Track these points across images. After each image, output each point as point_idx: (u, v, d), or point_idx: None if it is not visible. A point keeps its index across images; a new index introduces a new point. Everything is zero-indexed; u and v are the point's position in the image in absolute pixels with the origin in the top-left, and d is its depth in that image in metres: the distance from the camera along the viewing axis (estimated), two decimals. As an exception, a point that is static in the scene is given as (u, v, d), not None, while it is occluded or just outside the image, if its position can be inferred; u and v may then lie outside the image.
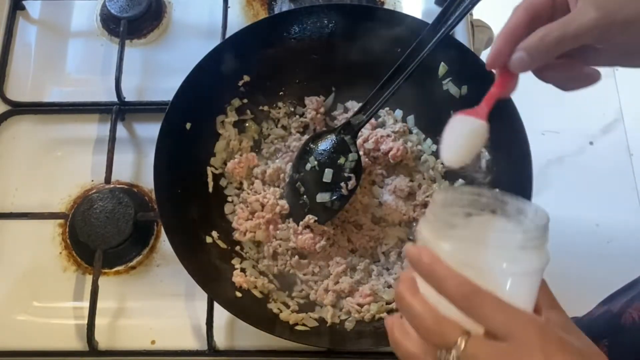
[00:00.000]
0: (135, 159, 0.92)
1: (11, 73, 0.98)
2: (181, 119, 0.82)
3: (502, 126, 0.77)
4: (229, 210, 0.85)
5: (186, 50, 0.99)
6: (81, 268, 0.86)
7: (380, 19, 0.85)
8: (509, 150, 0.79)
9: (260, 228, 0.82)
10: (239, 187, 0.87)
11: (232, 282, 0.78)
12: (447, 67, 0.85)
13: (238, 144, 0.88)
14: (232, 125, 0.88)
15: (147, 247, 0.87)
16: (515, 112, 0.78)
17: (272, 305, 0.78)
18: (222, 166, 0.87)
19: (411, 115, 0.90)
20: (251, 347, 0.80)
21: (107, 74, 0.96)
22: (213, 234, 0.82)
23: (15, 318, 0.83)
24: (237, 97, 0.88)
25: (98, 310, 0.80)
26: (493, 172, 0.82)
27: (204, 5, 1.02)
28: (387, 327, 0.52)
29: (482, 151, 0.82)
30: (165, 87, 0.87)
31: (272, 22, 0.89)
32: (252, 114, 0.89)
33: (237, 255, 0.82)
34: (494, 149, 0.82)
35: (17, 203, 0.90)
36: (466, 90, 0.84)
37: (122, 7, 0.99)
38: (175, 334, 0.81)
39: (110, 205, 0.85)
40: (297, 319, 0.77)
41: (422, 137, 0.89)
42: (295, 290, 0.82)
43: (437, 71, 0.85)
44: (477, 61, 0.83)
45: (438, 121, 0.85)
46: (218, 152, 0.87)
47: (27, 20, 1.03)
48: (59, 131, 0.94)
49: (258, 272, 0.81)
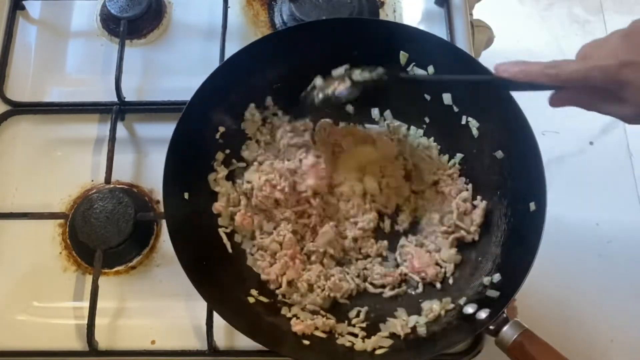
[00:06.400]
0: (135, 159, 0.92)
1: (11, 73, 0.98)
2: (179, 190, 0.80)
3: (512, 132, 0.80)
4: (252, 263, 0.84)
5: (186, 50, 0.99)
6: (81, 268, 0.86)
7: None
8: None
9: (288, 267, 0.81)
10: (253, 237, 0.85)
11: (294, 332, 0.77)
12: (407, 55, 0.85)
13: (237, 196, 0.85)
14: (225, 179, 0.86)
15: (147, 247, 0.87)
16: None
17: (340, 340, 0.77)
18: (231, 222, 0.85)
19: (387, 110, 0.90)
20: (251, 347, 0.80)
21: (107, 74, 0.96)
22: (252, 292, 0.80)
23: (15, 318, 0.83)
24: (219, 150, 0.86)
25: (98, 310, 0.80)
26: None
27: (204, 5, 1.02)
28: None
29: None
30: (165, 87, 0.87)
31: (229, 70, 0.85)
32: (238, 162, 0.88)
33: (282, 304, 0.81)
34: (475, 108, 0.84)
35: (17, 203, 0.90)
36: (433, 69, 0.85)
37: (122, 7, 0.99)
38: (175, 334, 0.81)
39: (110, 205, 0.85)
40: (373, 344, 0.75)
41: (404, 127, 0.90)
42: (352, 315, 0.80)
43: (399, 62, 0.85)
44: (432, 38, 0.83)
45: (414, 108, 0.88)
46: (222, 210, 0.84)
47: (27, 20, 1.03)
48: (59, 131, 0.94)
49: (310, 313, 0.80)
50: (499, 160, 0.82)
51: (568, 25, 2.08)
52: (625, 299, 1.64)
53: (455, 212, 0.83)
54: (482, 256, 0.81)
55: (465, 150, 0.87)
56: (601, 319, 1.63)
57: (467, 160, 0.86)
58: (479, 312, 0.72)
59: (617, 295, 1.65)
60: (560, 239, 1.71)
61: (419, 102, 0.87)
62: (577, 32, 2.06)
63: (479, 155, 0.85)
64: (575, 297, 1.66)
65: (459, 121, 0.85)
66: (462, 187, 0.85)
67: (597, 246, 1.71)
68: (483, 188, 0.84)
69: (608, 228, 1.73)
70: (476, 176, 0.85)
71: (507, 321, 0.70)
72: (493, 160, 0.83)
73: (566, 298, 1.66)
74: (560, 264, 1.69)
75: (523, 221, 0.77)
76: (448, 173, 0.87)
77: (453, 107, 0.86)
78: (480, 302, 0.75)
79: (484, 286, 0.77)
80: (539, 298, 1.65)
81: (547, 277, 1.70)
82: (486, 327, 0.70)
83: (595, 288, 1.66)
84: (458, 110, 0.86)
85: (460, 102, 0.85)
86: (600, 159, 1.83)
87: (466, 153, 0.86)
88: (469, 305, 0.75)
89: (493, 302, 0.73)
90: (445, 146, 0.88)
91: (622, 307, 1.63)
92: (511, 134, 0.80)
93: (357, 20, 0.91)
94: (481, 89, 0.81)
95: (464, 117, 0.85)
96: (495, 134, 0.83)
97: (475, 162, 0.86)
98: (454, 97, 0.85)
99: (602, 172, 1.81)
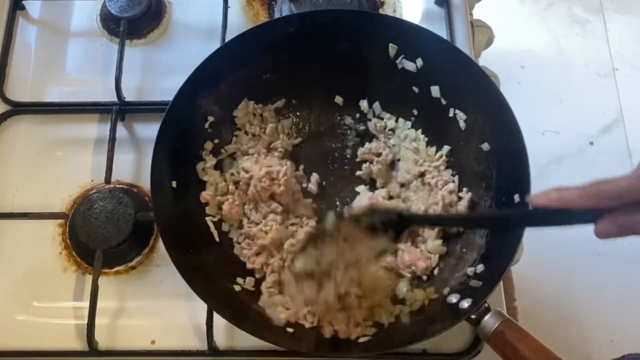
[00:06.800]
0: (135, 159, 0.92)
1: (11, 73, 0.98)
2: (166, 178, 0.80)
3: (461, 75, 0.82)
4: (238, 251, 0.84)
5: (186, 50, 0.99)
6: (81, 268, 0.86)
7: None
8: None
9: (273, 256, 0.82)
10: (240, 226, 0.85)
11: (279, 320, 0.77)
12: (396, 47, 0.85)
13: (225, 185, 0.86)
14: (214, 168, 0.86)
15: (147, 247, 0.87)
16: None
17: (327, 329, 0.77)
18: (219, 212, 0.85)
19: (376, 102, 0.91)
20: (251, 347, 0.80)
21: (107, 74, 0.96)
22: (239, 280, 0.81)
23: (15, 318, 0.83)
24: (208, 140, 0.86)
25: (98, 310, 0.80)
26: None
27: (204, 5, 1.02)
28: None
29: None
30: (165, 87, 0.87)
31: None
32: (226, 152, 0.88)
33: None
34: (463, 101, 0.84)
35: (17, 203, 0.90)
36: (422, 62, 0.85)
37: (122, 7, 0.99)
38: (175, 334, 0.81)
39: (110, 205, 0.85)
40: (357, 333, 0.75)
41: (393, 119, 0.90)
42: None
43: (388, 54, 0.86)
44: (421, 31, 0.84)
45: (403, 100, 0.89)
46: (210, 200, 0.84)
47: (27, 20, 1.03)
48: (59, 131, 0.94)
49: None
50: (485, 153, 0.82)
51: (568, 25, 2.08)
52: (624, 299, 1.64)
53: (441, 204, 0.83)
54: (466, 247, 0.81)
55: (452, 143, 0.87)
56: (601, 319, 1.63)
57: (454, 152, 0.87)
58: (462, 302, 0.73)
59: (617, 295, 1.65)
60: (560, 239, 1.71)
61: (407, 94, 0.88)
62: (577, 32, 2.07)
63: (466, 147, 0.85)
64: (575, 297, 1.66)
65: (447, 114, 0.85)
66: (449, 179, 0.85)
67: (597, 246, 1.71)
68: (469, 180, 0.85)
69: (608, 228, 1.73)
70: (463, 168, 0.86)
71: (488, 310, 0.71)
72: (479, 153, 0.83)
73: (566, 298, 1.66)
74: (560, 264, 1.69)
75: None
76: (435, 165, 0.87)
77: (441, 100, 0.86)
78: (464, 292, 0.75)
79: (467, 276, 0.77)
80: (539, 298, 1.65)
81: (547, 277, 1.70)
82: (468, 316, 0.71)
83: (595, 288, 1.66)
84: (446, 103, 0.86)
85: (448, 94, 0.85)
86: (600, 159, 1.83)
87: (453, 145, 0.87)
88: (453, 295, 0.75)
89: (476, 292, 0.74)
90: (433, 138, 0.88)
91: (622, 307, 1.64)
92: (497, 125, 0.80)
93: (345, 12, 0.91)
94: (470, 87, 0.81)
95: (452, 110, 0.85)
96: (482, 126, 0.83)
97: (461, 154, 0.86)
98: (442, 89, 0.85)
99: (602, 172, 1.80)
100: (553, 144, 1.82)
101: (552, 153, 1.82)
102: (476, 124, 0.83)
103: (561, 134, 1.84)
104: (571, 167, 1.82)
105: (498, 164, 0.81)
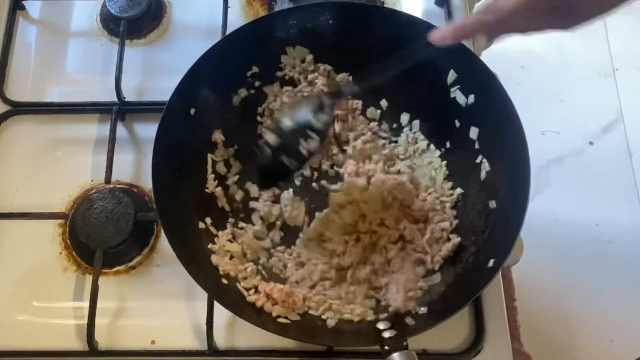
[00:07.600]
0: (135, 159, 0.92)
1: (11, 73, 0.98)
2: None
3: (502, 129, 0.79)
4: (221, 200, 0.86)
5: (186, 50, 0.99)
6: (81, 268, 0.86)
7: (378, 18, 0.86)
8: (509, 153, 0.79)
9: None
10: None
11: (216, 267, 0.78)
12: (456, 75, 0.84)
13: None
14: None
15: (147, 247, 0.87)
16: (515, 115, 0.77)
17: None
18: (223, 155, 0.87)
19: (416, 120, 0.90)
20: (251, 347, 0.80)
21: (107, 74, 0.96)
22: (207, 220, 0.82)
23: (15, 318, 0.83)
24: (244, 87, 0.89)
25: (98, 310, 0.80)
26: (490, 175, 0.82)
27: (204, 5, 1.03)
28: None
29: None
30: (165, 87, 0.87)
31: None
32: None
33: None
34: (493, 152, 0.82)
35: (17, 203, 0.90)
36: (473, 100, 0.83)
37: (122, 7, 0.99)
38: (175, 334, 0.81)
39: (110, 205, 0.85)
40: (280, 311, 0.76)
41: (425, 142, 0.89)
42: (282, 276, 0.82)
43: (447, 78, 0.85)
44: (486, 71, 0.81)
45: (442, 128, 0.87)
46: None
47: (27, 20, 1.03)
48: (59, 131, 0.94)
49: (246, 261, 0.81)
50: (489, 210, 0.80)
51: (568, 25, 2.08)
52: (625, 299, 1.64)
53: (428, 235, 0.82)
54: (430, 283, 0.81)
55: (466, 187, 0.85)
56: (601, 319, 1.63)
57: (464, 196, 0.85)
58: (385, 331, 0.73)
59: (617, 294, 1.65)
60: (560, 239, 1.71)
61: (448, 125, 0.86)
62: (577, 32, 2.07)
63: (476, 196, 0.83)
64: (575, 297, 1.66)
65: (475, 159, 0.83)
66: (449, 217, 0.84)
67: (597, 246, 1.71)
68: (463, 228, 0.83)
69: (608, 228, 1.73)
70: (463, 215, 0.84)
71: (404, 349, 0.68)
72: (484, 207, 0.81)
73: (566, 298, 1.66)
74: (560, 264, 1.69)
75: (474, 275, 0.76)
76: (442, 199, 0.86)
77: (475, 143, 0.84)
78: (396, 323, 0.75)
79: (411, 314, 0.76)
80: (539, 298, 1.66)
81: (547, 277, 1.70)
82: (383, 345, 0.70)
83: (596, 288, 1.66)
84: (478, 148, 0.83)
85: (483, 140, 0.83)
86: (600, 159, 1.84)
87: (466, 190, 0.85)
88: (383, 323, 0.75)
89: (404, 329, 0.73)
90: (452, 174, 0.87)
91: (622, 307, 1.64)
92: (510, 193, 0.78)
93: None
94: (506, 146, 0.78)
95: (480, 157, 0.83)
96: (499, 184, 0.80)
97: (468, 202, 0.84)
98: (480, 133, 0.83)
99: (602, 172, 1.81)
100: (553, 144, 1.82)
101: (552, 153, 1.82)
102: (495, 179, 0.81)
103: (561, 134, 1.84)
104: (571, 167, 1.82)
105: (494, 225, 0.79)
